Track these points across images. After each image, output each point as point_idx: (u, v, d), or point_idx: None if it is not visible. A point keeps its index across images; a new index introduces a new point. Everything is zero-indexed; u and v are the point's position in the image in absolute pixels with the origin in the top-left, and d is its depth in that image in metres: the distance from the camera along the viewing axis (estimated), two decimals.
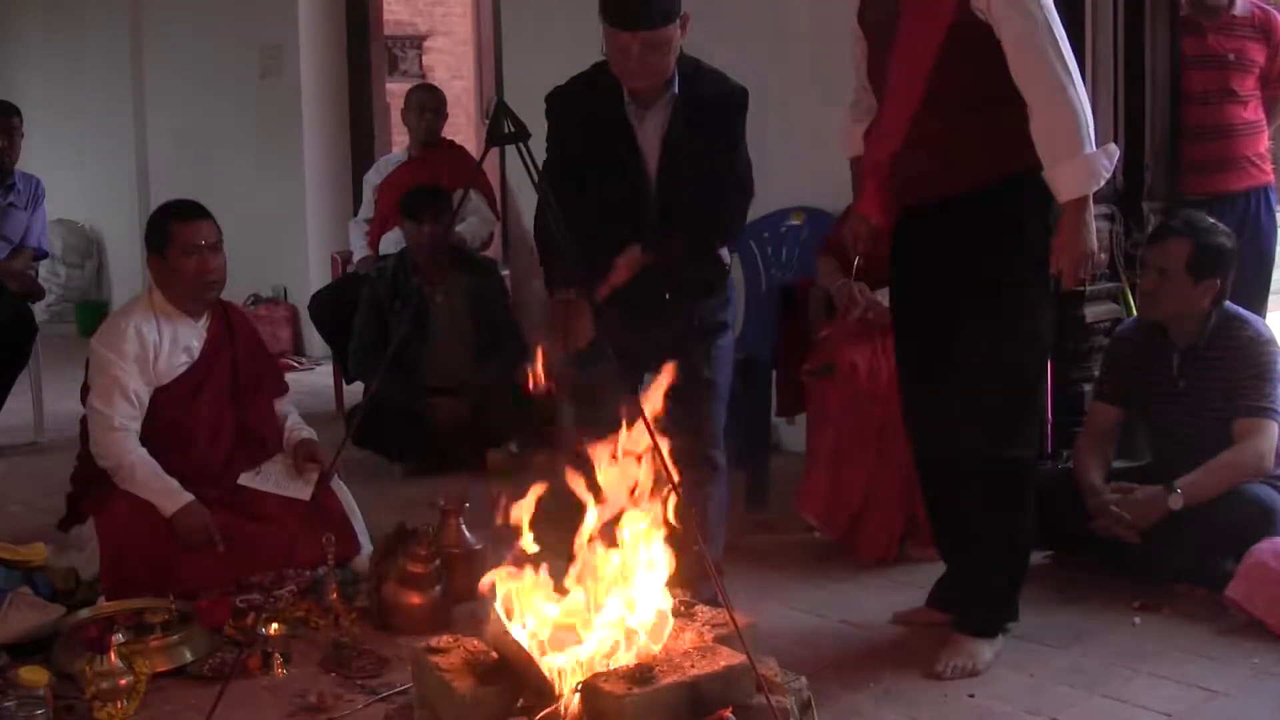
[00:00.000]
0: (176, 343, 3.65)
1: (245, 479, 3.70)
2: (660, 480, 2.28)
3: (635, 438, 2.28)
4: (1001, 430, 2.97)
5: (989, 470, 2.97)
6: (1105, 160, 2.81)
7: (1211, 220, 3.56)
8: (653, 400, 2.31)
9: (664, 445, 2.22)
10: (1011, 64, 2.82)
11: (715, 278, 3.27)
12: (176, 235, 3.59)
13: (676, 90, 3.13)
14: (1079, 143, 2.78)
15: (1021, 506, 3.04)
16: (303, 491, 3.69)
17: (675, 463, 2.24)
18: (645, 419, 2.19)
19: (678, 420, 2.34)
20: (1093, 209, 2.85)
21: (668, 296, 3.16)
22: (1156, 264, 3.46)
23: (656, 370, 2.39)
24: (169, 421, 3.61)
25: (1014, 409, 3.00)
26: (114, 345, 3.57)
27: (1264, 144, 4.56)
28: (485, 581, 2.29)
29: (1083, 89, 2.82)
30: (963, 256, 2.95)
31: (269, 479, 3.72)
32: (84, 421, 3.66)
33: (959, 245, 2.96)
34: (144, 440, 3.55)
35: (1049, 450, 4.02)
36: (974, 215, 2.94)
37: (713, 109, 3.15)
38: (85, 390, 3.64)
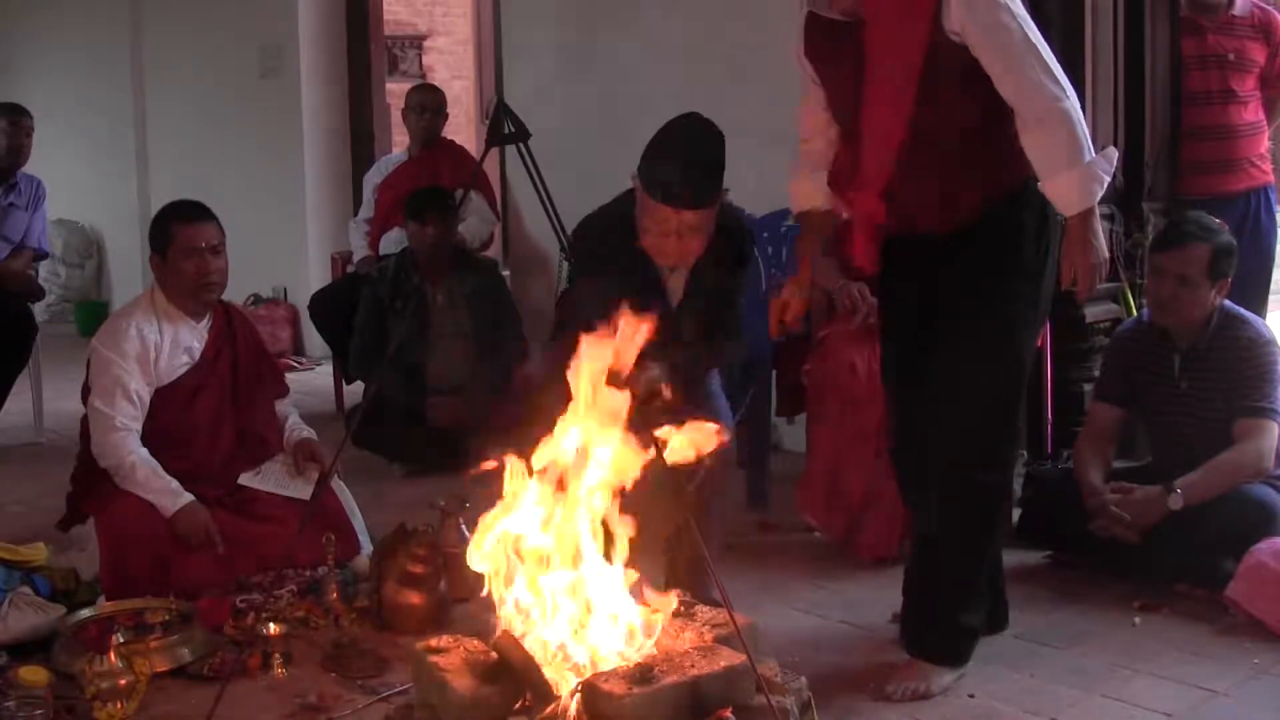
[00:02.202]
0: (177, 343, 3.65)
1: (245, 479, 3.69)
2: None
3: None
4: (976, 452, 2.86)
5: (960, 492, 2.87)
6: (1105, 164, 2.69)
7: (1214, 219, 3.56)
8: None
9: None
10: (997, 81, 2.69)
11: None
12: (178, 236, 3.59)
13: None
14: (1079, 153, 2.65)
15: (987, 531, 2.94)
16: (303, 491, 3.69)
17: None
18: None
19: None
20: (1099, 215, 2.73)
21: None
22: (1177, 271, 3.42)
23: None
24: (169, 422, 3.61)
25: (990, 431, 2.88)
26: (115, 345, 3.56)
27: (1264, 144, 4.57)
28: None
29: (1073, 94, 2.69)
30: (955, 278, 2.85)
31: (269, 479, 3.72)
32: (84, 421, 3.66)
33: (952, 267, 2.85)
34: (144, 440, 3.54)
35: (1049, 450, 4.03)
36: (969, 238, 2.82)
37: (730, 251, 3.13)
38: (85, 390, 3.63)
